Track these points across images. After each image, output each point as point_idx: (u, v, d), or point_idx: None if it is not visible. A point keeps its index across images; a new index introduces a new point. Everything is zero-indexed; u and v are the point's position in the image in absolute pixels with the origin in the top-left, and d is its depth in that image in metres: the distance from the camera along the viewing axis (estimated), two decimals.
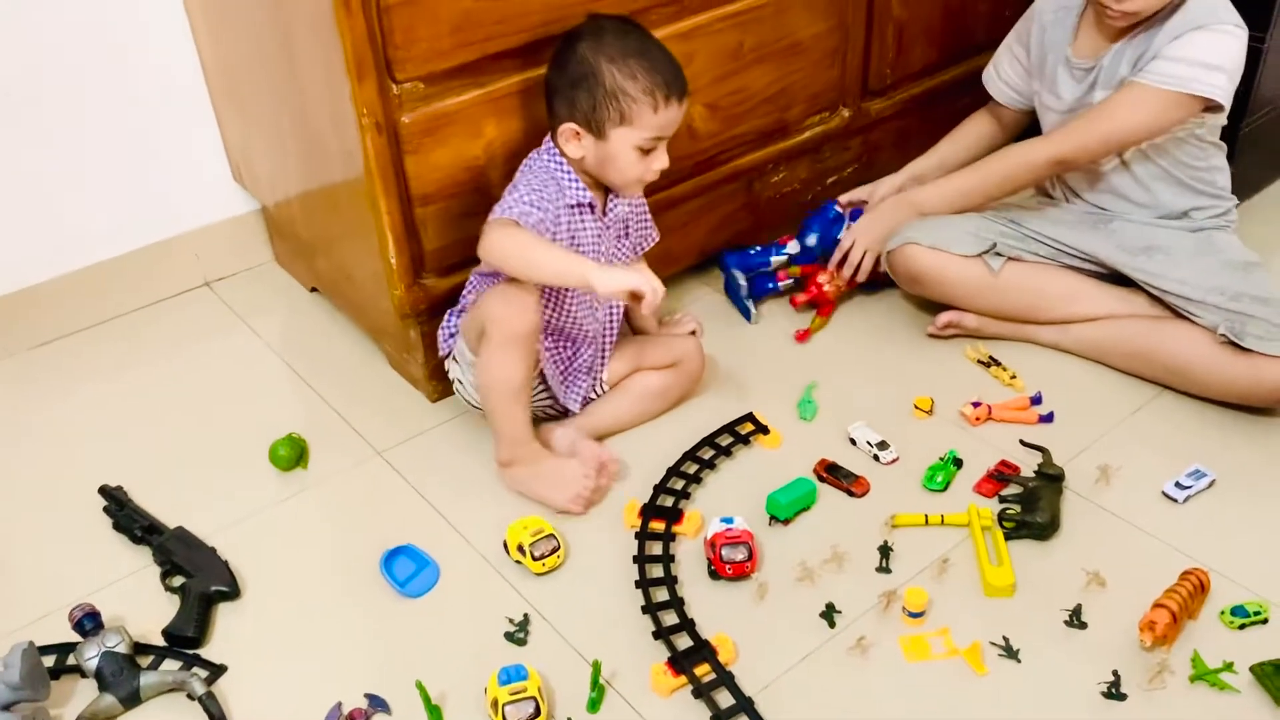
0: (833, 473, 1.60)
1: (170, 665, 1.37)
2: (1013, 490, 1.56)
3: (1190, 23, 1.62)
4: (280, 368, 1.89)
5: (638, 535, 1.50)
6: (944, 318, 1.86)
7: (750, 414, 1.70)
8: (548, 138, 1.56)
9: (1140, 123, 1.67)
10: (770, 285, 1.97)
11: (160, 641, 1.40)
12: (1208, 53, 1.61)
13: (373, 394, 1.81)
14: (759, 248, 1.98)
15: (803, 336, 1.89)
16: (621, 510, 1.55)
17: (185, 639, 1.39)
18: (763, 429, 1.68)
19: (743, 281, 1.96)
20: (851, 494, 1.57)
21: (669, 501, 1.56)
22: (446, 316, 1.67)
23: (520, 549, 1.45)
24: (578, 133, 1.51)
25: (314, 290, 2.06)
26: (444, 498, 1.60)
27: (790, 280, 1.97)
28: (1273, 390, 1.61)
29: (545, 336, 1.60)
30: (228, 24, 1.77)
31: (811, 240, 1.96)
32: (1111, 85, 1.72)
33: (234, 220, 2.10)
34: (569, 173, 1.54)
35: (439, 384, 1.77)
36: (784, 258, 1.97)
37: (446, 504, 1.59)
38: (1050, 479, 1.54)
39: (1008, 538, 1.49)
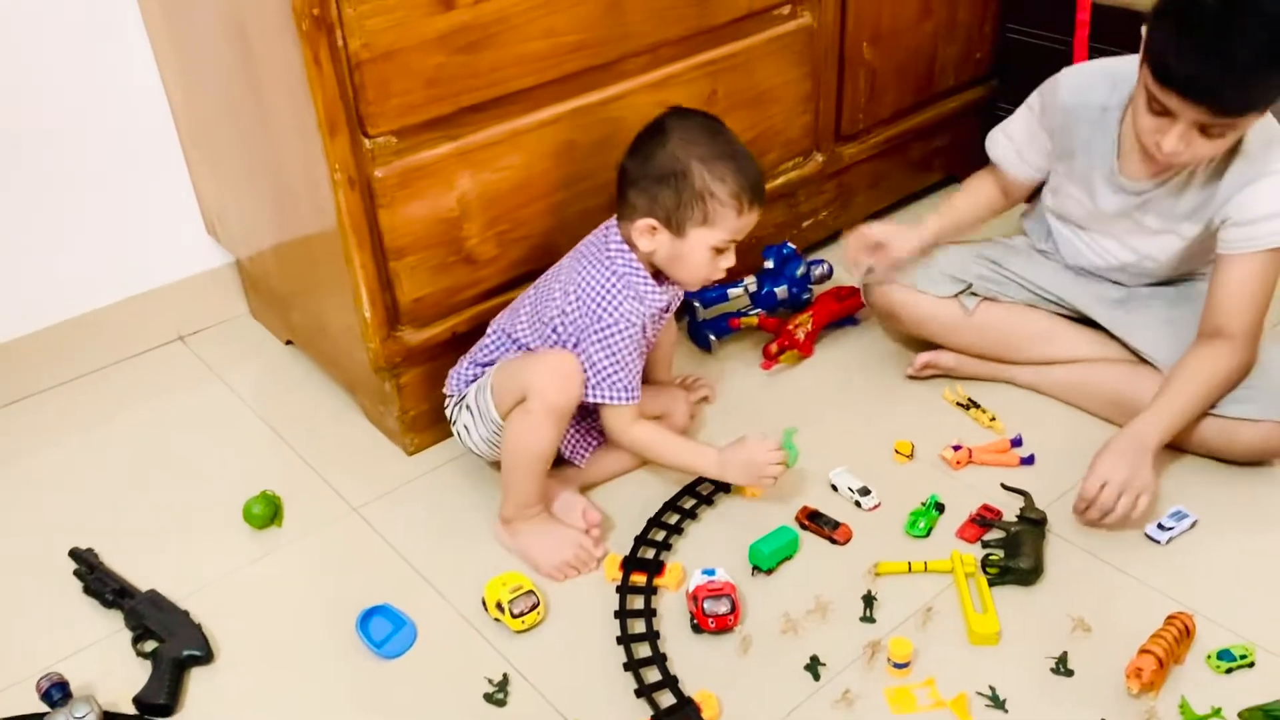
0: (815, 520, 1.58)
1: None
2: (995, 535, 1.55)
3: (1255, 170, 1.53)
4: (254, 423, 1.86)
5: (619, 589, 1.48)
6: (921, 359, 1.85)
7: None
8: (607, 227, 1.55)
9: (1272, 285, 1.57)
10: (725, 327, 1.95)
11: (131, 710, 1.36)
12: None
13: (349, 448, 1.79)
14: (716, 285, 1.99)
15: (769, 364, 1.89)
16: (602, 563, 1.53)
17: (157, 707, 1.36)
18: None
19: (700, 310, 1.95)
20: (834, 542, 1.56)
21: (650, 553, 1.54)
22: (464, 363, 1.63)
23: (499, 606, 1.43)
24: (654, 228, 1.49)
25: (289, 343, 2.04)
26: (421, 554, 1.58)
27: (742, 326, 1.95)
28: (1246, 451, 1.61)
29: None
30: (199, 78, 1.77)
31: (769, 263, 1.96)
32: (1167, 217, 1.64)
33: (208, 274, 2.09)
34: (646, 278, 1.52)
35: (416, 437, 1.75)
36: (740, 290, 1.97)
37: (423, 560, 1.57)
38: (1033, 523, 1.54)
39: (991, 584, 1.47)
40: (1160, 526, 1.53)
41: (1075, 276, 1.83)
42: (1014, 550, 1.49)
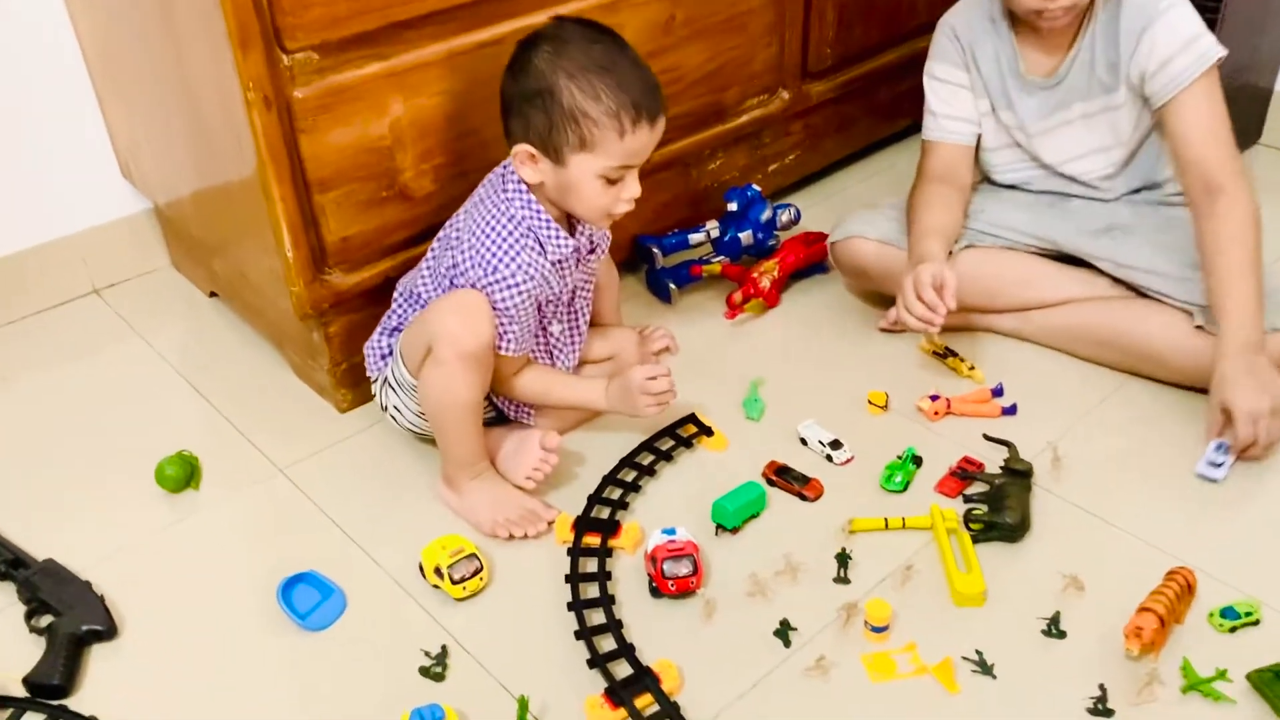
0: (783, 475, 1.46)
1: (32, 719, 1.19)
2: (978, 489, 1.43)
3: (1144, 16, 1.53)
4: (174, 380, 1.71)
5: (570, 551, 1.34)
6: (895, 313, 1.73)
7: (692, 415, 1.56)
8: (505, 164, 1.39)
9: (1222, 113, 1.53)
10: (686, 275, 1.82)
11: (21, 692, 1.21)
12: (1187, 26, 1.52)
13: (276, 406, 1.64)
14: (676, 230, 1.85)
15: (733, 314, 1.76)
16: (553, 526, 1.40)
17: (50, 688, 1.21)
18: (706, 430, 1.54)
19: (659, 257, 1.82)
20: (804, 498, 1.44)
21: (605, 513, 1.41)
22: (375, 336, 1.50)
23: (438, 571, 1.29)
24: (533, 155, 1.32)
25: (213, 295, 1.88)
26: (352, 517, 1.44)
27: (704, 275, 1.83)
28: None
29: None
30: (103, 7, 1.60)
31: (733, 206, 1.83)
32: (1089, 96, 1.62)
33: (124, 221, 1.92)
34: (548, 222, 1.36)
35: (348, 392, 1.61)
36: (703, 235, 1.84)
37: (355, 524, 1.43)
38: (1018, 475, 1.42)
39: (975, 541, 1.36)
40: (1212, 464, 1.43)
41: (1050, 209, 1.72)
42: (998, 504, 1.38)
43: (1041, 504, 1.41)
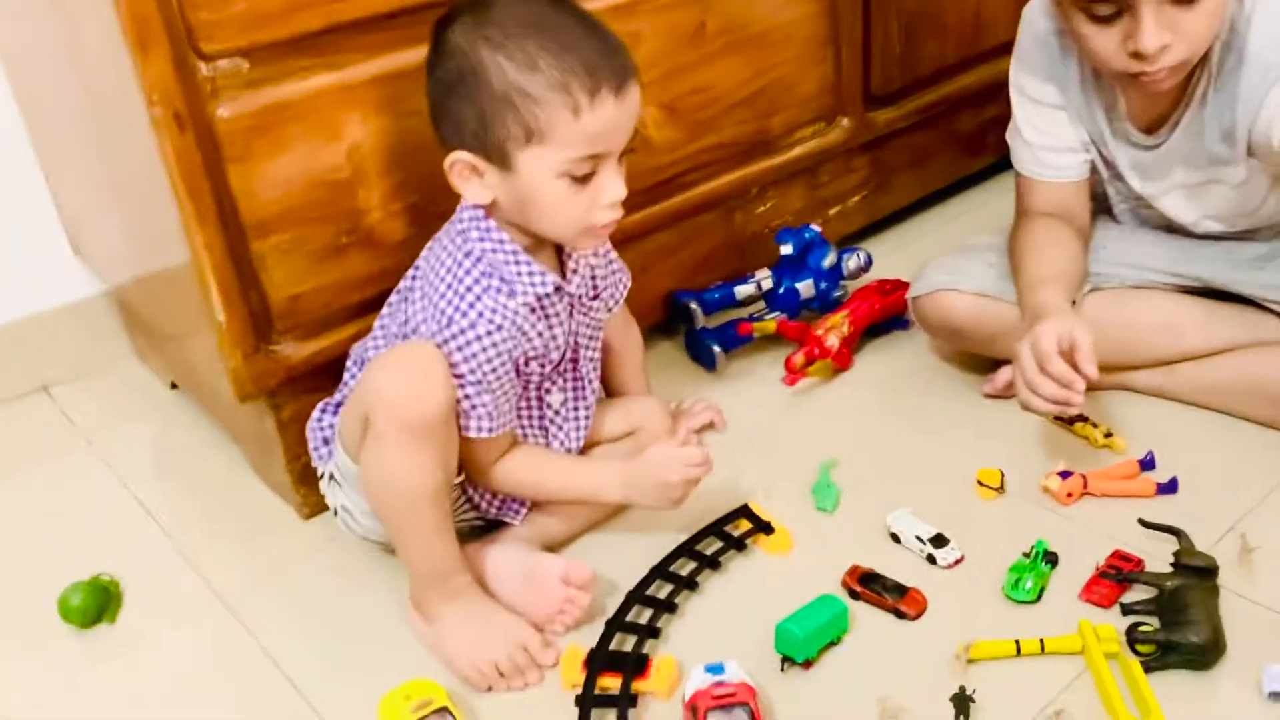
0: (870, 585, 1.09)
1: None
2: (1142, 595, 1.05)
3: (1273, 70, 1.14)
4: (116, 492, 1.40)
5: (580, 700, 0.99)
6: (1005, 375, 1.35)
7: (745, 507, 1.21)
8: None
9: None
10: (734, 336, 1.49)
11: None
12: None
13: (228, 515, 1.32)
14: (720, 283, 1.53)
15: (793, 379, 1.40)
16: (558, 665, 1.04)
17: None
18: (765, 527, 1.19)
19: (700, 315, 1.49)
20: (901, 615, 1.07)
21: (629, 644, 1.05)
22: (316, 414, 1.18)
23: None
24: (473, 165, 1.02)
25: (174, 387, 1.59)
26: (304, 660, 1.10)
27: (755, 335, 1.49)
28: None
29: None
30: (29, 47, 1.35)
31: (788, 249, 1.49)
32: (1193, 165, 1.25)
33: (78, 305, 1.65)
34: (514, 253, 1.05)
35: (310, 492, 1.28)
36: (752, 287, 1.51)
37: (308, 670, 1.09)
38: (1197, 574, 1.04)
39: (1148, 670, 0.97)
40: None
41: (1187, 238, 1.35)
42: (1175, 616, 1.00)
43: (1233, 612, 1.02)
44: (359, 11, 1.12)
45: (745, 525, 1.20)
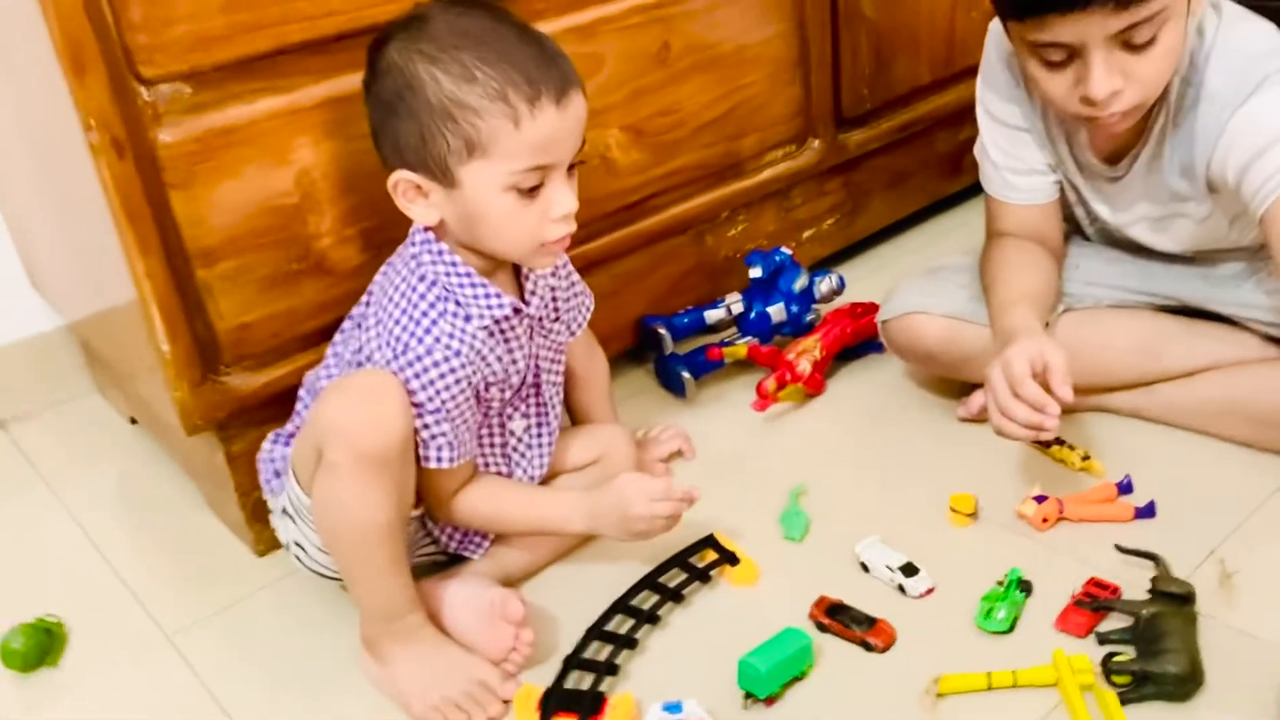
0: (838, 617, 1.05)
1: None
2: (1119, 624, 1.01)
3: (1227, 108, 1.09)
4: (69, 530, 1.36)
5: None
6: (979, 399, 1.32)
7: (711, 537, 1.17)
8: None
9: None
10: (703, 361, 1.45)
11: None
12: None
13: (182, 553, 1.29)
14: (690, 308, 1.50)
15: (764, 404, 1.37)
16: (511, 704, 1.00)
17: None
18: (730, 558, 1.15)
19: (669, 341, 1.45)
20: (869, 647, 1.03)
21: (586, 682, 1.01)
22: (267, 445, 1.15)
23: None
24: (418, 185, 1.00)
25: (134, 422, 1.55)
26: (252, 703, 1.06)
27: (726, 360, 1.45)
28: None
29: None
30: None
31: (757, 272, 1.46)
32: (1154, 199, 1.21)
33: (36, 340, 1.61)
34: (468, 275, 1.02)
35: (264, 528, 1.24)
36: (722, 311, 1.48)
37: (255, 713, 1.05)
38: (1175, 601, 1.00)
39: (1125, 701, 0.93)
40: None
41: (1164, 257, 1.31)
42: (1152, 645, 0.96)
43: (1212, 640, 0.98)
44: (305, 34, 1.09)
45: (710, 556, 1.16)
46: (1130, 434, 1.29)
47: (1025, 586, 1.07)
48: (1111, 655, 0.97)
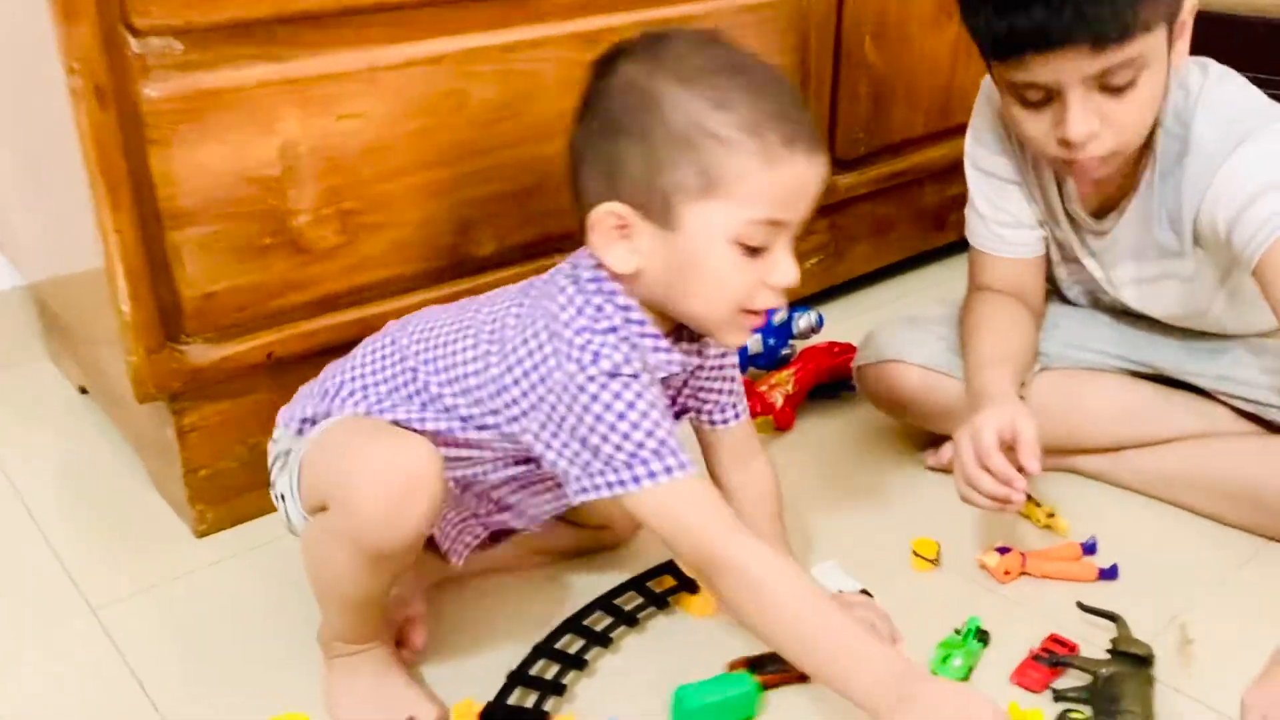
0: (764, 669, 0.99)
1: None
2: (1075, 681, 0.99)
3: (1215, 158, 1.09)
4: (5, 497, 1.30)
5: None
6: (949, 451, 1.29)
7: (669, 562, 1.13)
8: (579, 255, 0.92)
9: None
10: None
11: None
12: (1274, 159, 1.07)
13: (120, 530, 1.23)
14: None
15: None
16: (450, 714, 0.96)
17: None
18: (689, 585, 1.11)
19: None
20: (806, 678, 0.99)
21: (530, 700, 0.97)
22: (279, 428, 1.01)
23: None
24: (624, 224, 0.85)
25: (84, 391, 1.50)
26: (173, 685, 1.01)
27: None
28: None
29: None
30: None
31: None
32: (1142, 257, 1.21)
33: None
34: (642, 324, 0.88)
35: (208, 509, 1.20)
36: None
37: (175, 695, 1.00)
38: (1134, 661, 0.98)
39: None
40: None
41: (1143, 322, 1.31)
42: (1108, 705, 0.94)
43: (1167, 707, 0.96)
44: (306, 5, 1.07)
45: (669, 582, 1.12)
46: (1097, 496, 1.28)
47: (983, 636, 1.05)
48: (1067, 712, 0.95)
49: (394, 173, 1.17)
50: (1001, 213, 1.29)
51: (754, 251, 0.85)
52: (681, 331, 0.94)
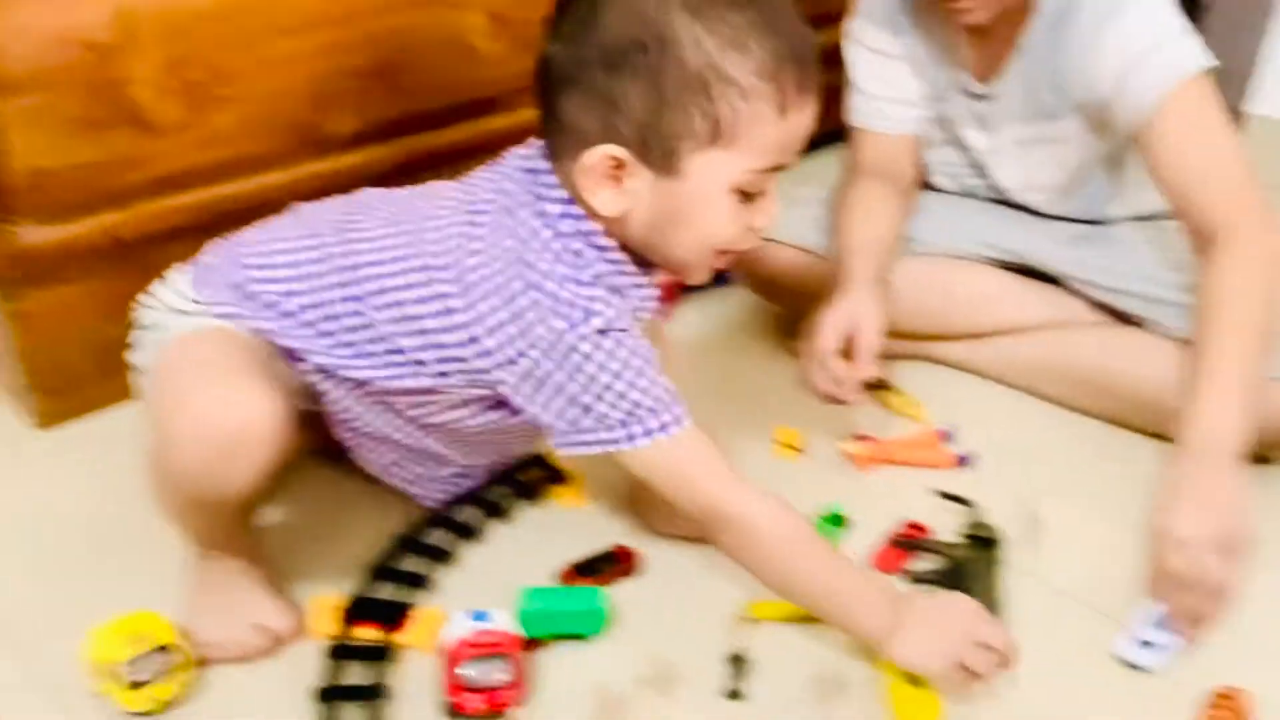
0: (589, 573, 0.99)
1: None
2: (928, 564, 1.03)
3: (1102, 12, 1.12)
4: None
5: (333, 653, 0.89)
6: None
7: (539, 456, 1.13)
8: (530, 171, 0.84)
9: (1222, 126, 1.12)
10: None
11: None
12: (1153, 28, 1.11)
13: None
14: None
15: None
16: (308, 609, 0.94)
17: None
18: (557, 476, 1.11)
19: None
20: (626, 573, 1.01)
21: (391, 593, 0.96)
22: (217, 264, 0.91)
23: (112, 672, 0.83)
24: (620, 164, 0.80)
25: None
26: (14, 586, 0.97)
27: None
28: (1273, 421, 1.12)
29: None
30: None
31: None
32: (1025, 118, 1.23)
33: None
34: (620, 266, 0.85)
35: (48, 400, 1.13)
36: None
37: (16, 596, 0.96)
38: (983, 545, 1.03)
39: None
40: (1140, 642, 0.95)
41: (1010, 211, 1.34)
42: (957, 585, 0.97)
43: (1019, 590, 1.01)
44: None
45: (538, 473, 1.12)
46: (956, 384, 1.32)
47: (843, 521, 1.08)
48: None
49: (243, 41, 1.10)
50: (886, 86, 1.30)
51: (749, 197, 0.83)
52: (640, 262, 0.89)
